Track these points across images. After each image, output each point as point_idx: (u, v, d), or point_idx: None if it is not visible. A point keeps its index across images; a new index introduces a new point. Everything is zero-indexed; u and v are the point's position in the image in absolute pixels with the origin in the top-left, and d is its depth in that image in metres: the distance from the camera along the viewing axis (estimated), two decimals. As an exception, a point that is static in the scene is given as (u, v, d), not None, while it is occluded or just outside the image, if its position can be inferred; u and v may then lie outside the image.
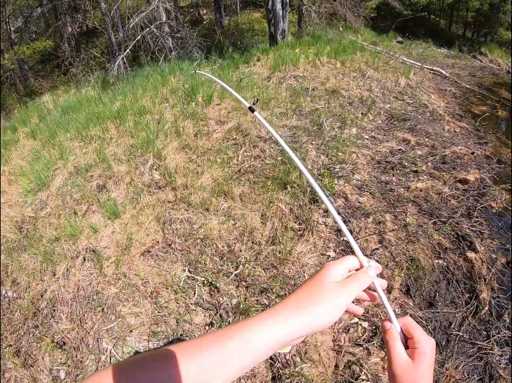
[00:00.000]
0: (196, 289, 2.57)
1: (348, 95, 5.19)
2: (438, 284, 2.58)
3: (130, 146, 4.02)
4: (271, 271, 2.62)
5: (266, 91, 5.02)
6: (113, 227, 3.07)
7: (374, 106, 4.95)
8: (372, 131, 4.46)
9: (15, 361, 2.74)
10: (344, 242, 2.92)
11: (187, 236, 2.86)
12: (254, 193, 3.26)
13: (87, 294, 2.79)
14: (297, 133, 4.18)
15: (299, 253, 2.73)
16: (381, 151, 3.95)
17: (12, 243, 3.38)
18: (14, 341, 2.84)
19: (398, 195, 3.31)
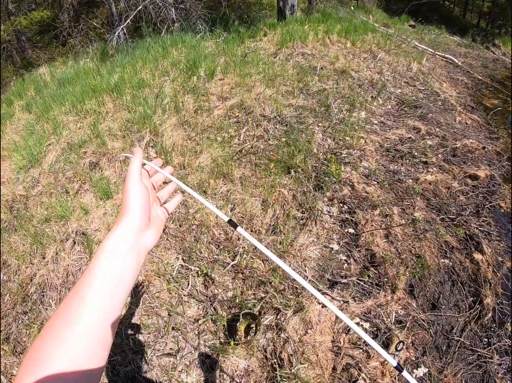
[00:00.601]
0: (190, 279, 2.31)
1: (358, 76, 4.72)
2: (443, 285, 2.36)
3: (126, 121, 3.67)
4: (270, 263, 2.34)
5: (272, 67, 4.57)
6: (105, 209, 2.79)
7: (384, 90, 4.51)
8: (382, 116, 4.05)
9: (5, 348, 2.55)
10: (348, 233, 2.61)
11: (182, 221, 2.57)
12: (255, 177, 2.93)
13: (76, 280, 2.54)
14: (303, 114, 3.78)
15: (301, 245, 2.44)
16: (390, 138, 3.56)
17: (2, 223, 3.12)
18: (3, 326, 2.63)
19: (407, 187, 2.98)
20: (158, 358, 2.19)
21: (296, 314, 2.18)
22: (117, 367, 2.11)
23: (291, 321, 2.16)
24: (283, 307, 2.20)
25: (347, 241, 2.59)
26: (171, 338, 2.22)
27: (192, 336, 2.22)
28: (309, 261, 2.40)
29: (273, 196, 2.75)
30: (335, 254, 2.52)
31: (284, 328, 2.13)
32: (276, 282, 2.26)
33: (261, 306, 2.20)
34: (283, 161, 3.08)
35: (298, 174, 2.97)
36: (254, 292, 2.27)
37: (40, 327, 2.54)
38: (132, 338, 2.20)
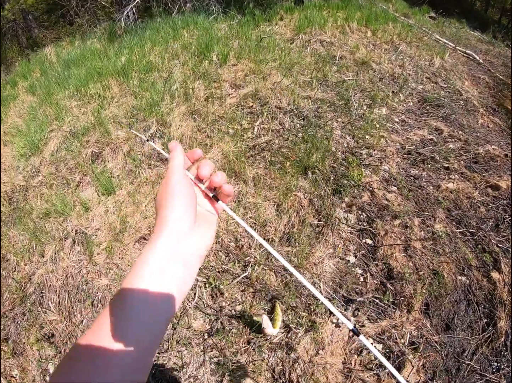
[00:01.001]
0: (197, 290, 2.07)
1: (379, 69, 4.29)
2: (458, 305, 2.16)
3: (132, 108, 3.37)
4: (284, 276, 2.10)
5: (289, 54, 4.16)
6: (107, 206, 2.54)
7: (406, 85, 4.09)
8: (403, 113, 3.66)
9: (4, 349, 2.40)
10: (366, 245, 2.33)
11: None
12: (269, 177, 2.63)
13: (76, 283, 2.34)
14: (322, 108, 3.41)
15: (318, 258, 2.16)
16: (412, 139, 3.20)
17: (1, 215, 2.91)
18: (3, 327, 2.46)
19: (427, 195, 2.67)
20: (161, 372, 1.99)
21: (308, 333, 1.98)
22: None
23: (302, 340, 1.95)
24: (295, 326, 1.97)
25: (364, 253, 2.33)
26: (175, 353, 2.01)
27: (197, 351, 2.00)
28: (325, 277, 2.13)
29: (289, 200, 2.46)
30: (351, 267, 2.27)
31: (295, 347, 1.93)
32: (288, 297, 2.01)
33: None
34: (300, 160, 2.76)
35: (316, 176, 2.67)
36: (264, 307, 2.03)
37: (39, 329, 2.36)
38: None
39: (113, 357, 0.32)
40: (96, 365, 0.31)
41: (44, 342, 2.32)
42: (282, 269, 2.15)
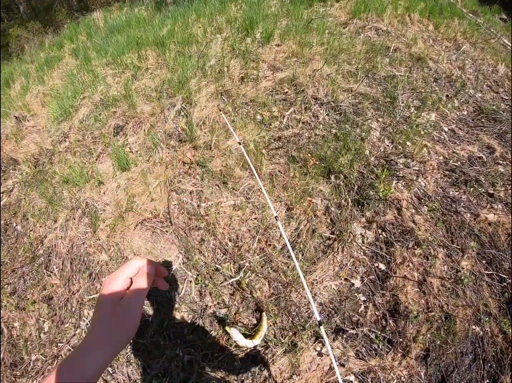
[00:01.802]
0: (185, 284, 2.09)
1: (435, 68, 3.85)
2: (462, 357, 1.94)
3: (163, 82, 3.39)
4: (276, 288, 2.05)
5: (339, 39, 3.88)
6: (119, 182, 2.63)
7: (463, 91, 3.61)
8: (454, 122, 3.25)
9: (10, 301, 2.64)
10: (377, 270, 2.15)
11: (192, 215, 2.32)
12: (287, 175, 2.53)
13: (79, 253, 2.49)
14: (363, 104, 3.16)
15: (318, 276, 2.06)
16: (458, 155, 2.84)
17: (26, 176, 3.16)
18: (13, 279, 2.71)
19: (462, 223, 2.38)
20: (136, 357, 2.07)
21: (287, 354, 1.95)
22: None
23: (279, 360, 1.92)
24: (274, 343, 1.91)
25: (373, 278, 2.18)
26: (152, 340, 2.07)
27: (173, 344, 2.04)
28: (320, 299, 2.03)
29: (302, 206, 2.34)
30: (355, 292, 2.14)
31: (269, 365, 1.90)
32: (275, 311, 1.96)
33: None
34: (325, 160, 2.60)
35: (339, 181, 2.51)
36: (249, 317, 2.00)
37: (41, 290, 2.57)
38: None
39: None
40: None
41: (43, 302, 2.54)
42: (276, 280, 2.08)
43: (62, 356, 2.38)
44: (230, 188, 2.46)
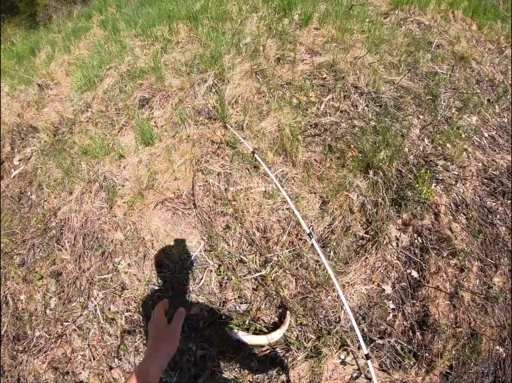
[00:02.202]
0: (205, 274, 1.92)
1: (478, 69, 3.59)
2: (483, 379, 1.87)
3: (194, 57, 3.21)
4: (304, 287, 1.88)
5: (380, 29, 3.65)
6: (141, 157, 2.49)
7: (505, 97, 3.33)
8: (495, 129, 3.02)
9: (18, 272, 2.56)
10: (410, 277, 1.97)
11: (218, 198, 2.14)
12: (323, 165, 2.32)
13: (93, 229, 2.37)
14: (405, 98, 2.93)
15: (350, 279, 1.88)
16: (497, 163, 2.63)
17: (44, 145, 3.05)
18: (22, 250, 2.62)
19: (497, 236, 2.24)
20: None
21: (308, 359, 1.80)
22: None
23: (299, 365, 1.78)
24: (296, 347, 1.74)
25: (404, 286, 2.04)
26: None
27: (186, 336, 1.88)
28: (351, 300, 1.85)
29: (338, 200, 2.13)
30: (385, 298, 2.00)
31: (288, 369, 1.74)
32: (300, 312, 1.78)
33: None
34: (364, 153, 2.39)
35: (378, 177, 2.30)
36: (271, 315, 1.82)
37: (51, 264, 2.46)
38: (126, 315, 1.94)
39: None
40: None
41: (51, 278, 2.42)
42: (305, 278, 1.89)
43: (66, 336, 2.26)
44: (262, 173, 2.27)
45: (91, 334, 2.18)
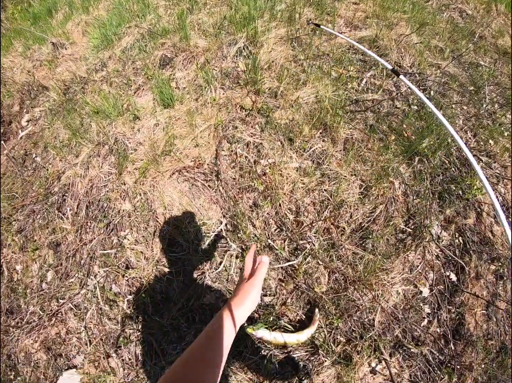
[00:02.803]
0: (225, 258, 1.60)
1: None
2: None
3: (223, 18, 2.86)
4: (338, 282, 1.55)
5: (421, 12, 3.30)
6: (159, 119, 2.17)
7: None
8: None
9: (15, 240, 2.29)
10: (448, 279, 1.69)
11: (246, 171, 1.81)
12: (366, 145, 1.98)
13: (98, 197, 2.07)
14: (450, 85, 2.56)
15: (391, 278, 1.57)
16: None
17: (53, 104, 2.76)
18: (21, 216, 2.35)
19: None
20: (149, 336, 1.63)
21: (336, 365, 1.53)
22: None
23: (325, 371, 1.49)
24: (325, 350, 1.44)
25: (442, 289, 1.80)
26: (177, 322, 1.62)
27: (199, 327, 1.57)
28: (386, 302, 1.55)
29: (381, 187, 1.80)
30: (421, 302, 1.74)
31: (312, 376, 1.45)
32: (332, 312, 1.47)
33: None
34: (408, 139, 2.05)
35: (422, 166, 1.96)
36: (297, 311, 1.50)
37: (50, 233, 2.18)
38: (129, 299, 1.65)
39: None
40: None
41: (50, 249, 2.15)
42: (340, 271, 1.57)
43: (62, 314, 2.00)
44: (297, 147, 1.92)
45: (88, 315, 1.90)
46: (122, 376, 1.74)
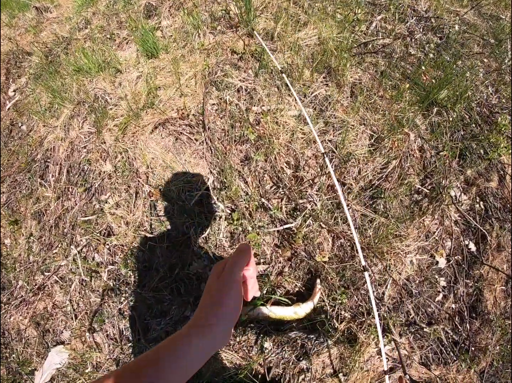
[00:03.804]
0: (213, 220, 1.35)
1: None
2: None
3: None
4: (343, 249, 1.30)
5: None
6: (142, 70, 1.88)
7: None
8: None
9: (3, 213, 2.11)
10: (466, 249, 1.40)
11: (236, 120, 1.53)
12: (376, 92, 1.67)
13: (79, 160, 1.85)
14: (470, 33, 2.19)
15: (406, 246, 1.32)
16: None
17: (35, 69, 2.52)
18: (6, 189, 2.17)
19: None
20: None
21: (338, 345, 1.32)
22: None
23: (325, 351, 1.32)
24: (326, 328, 1.21)
25: (460, 260, 1.56)
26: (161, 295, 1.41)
27: (183, 300, 1.36)
28: (398, 273, 1.29)
29: (395, 139, 1.50)
30: (436, 273, 1.51)
31: (310, 355, 1.27)
32: (336, 284, 1.22)
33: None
34: (424, 88, 1.72)
35: (441, 119, 1.64)
36: (295, 281, 1.26)
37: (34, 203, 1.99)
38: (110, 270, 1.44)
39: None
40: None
41: (33, 220, 1.96)
42: (345, 238, 1.30)
43: (48, 287, 1.83)
44: (297, 91, 1.62)
45: (73, 288, 1.72)
46: (107, 352, 1.57)
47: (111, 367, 1.57)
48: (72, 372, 1.67)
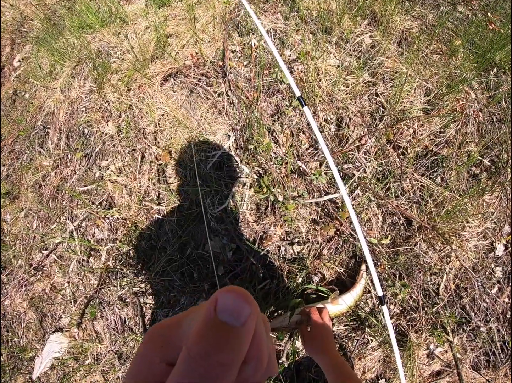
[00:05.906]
0: (234, 188, 1.01)
1: None
2: None
3: None
4: (396, 227, 0.95)
5: None
6: (151, 20, 1.53)
7: None
8: None
9: (4, 186, 1.84)
10: None
11: (264, 67, 1.15)
12: (428, 45, 1.29)
13: (79, 122, 1.51)
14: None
15: (469, 231, 0.95)
16: None
17: (37, 33, 2.20)
18: (6, 159, 1.89)
19: None
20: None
21: (383, 346, 1.04)
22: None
23: (369, 354, 1.00)
24: (371, 325, 0.89)
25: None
26: (170, 278, 1.09)
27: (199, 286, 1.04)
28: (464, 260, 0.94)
29: (457, 97, 1.14)
30: (493, 262, 1.17)
31: (352, 361, 0.99)
32: (387, 270, 0.89)
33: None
34: (479, 46, 1.32)
35: (498, 83, 1.26)
36: (335, 266, 0.95)
37: (33, 174, 1.69)
38: (110, 247, 1.13)
39: None
40: None
41: (32, 192, 1.66)
42: (399, 215, 0.95)
43: (47, 266, 1.54)
44: (338, 40, 1.25)
45: (71, 268, 1.43)
46: (108, 343, 1.27)
47: (113, 360, 1.28)
48: (73, 362, 1.40)
